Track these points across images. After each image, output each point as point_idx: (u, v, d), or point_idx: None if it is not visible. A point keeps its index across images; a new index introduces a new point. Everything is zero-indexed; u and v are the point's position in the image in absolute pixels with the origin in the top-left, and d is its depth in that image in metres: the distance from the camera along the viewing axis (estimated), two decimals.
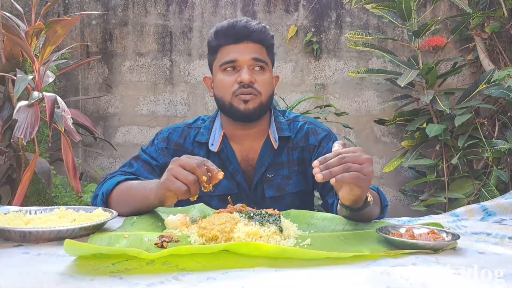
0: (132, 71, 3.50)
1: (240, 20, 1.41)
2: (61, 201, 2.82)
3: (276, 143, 1.48)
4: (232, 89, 1.39)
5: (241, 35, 1.40)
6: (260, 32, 1.41)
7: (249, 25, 1.40)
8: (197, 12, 3.47)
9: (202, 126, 1.54)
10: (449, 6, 3.34)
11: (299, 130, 1.53)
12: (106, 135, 3.49)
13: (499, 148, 2.72)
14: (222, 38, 1.42)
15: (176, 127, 1.56)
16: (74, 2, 3.45)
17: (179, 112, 3.48)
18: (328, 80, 3.45)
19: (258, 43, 1.41)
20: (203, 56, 3.46)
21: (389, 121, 3.15)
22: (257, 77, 1.40)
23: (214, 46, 1.45)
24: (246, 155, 1.49)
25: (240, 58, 1.39)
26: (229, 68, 1.40)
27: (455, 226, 1.19)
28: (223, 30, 1.42)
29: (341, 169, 0.96)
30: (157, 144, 1.52)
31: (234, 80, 1.39)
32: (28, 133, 2.27)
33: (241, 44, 1.40)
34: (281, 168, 1.49)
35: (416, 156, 2.94)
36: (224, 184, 1.46)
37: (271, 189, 1.48)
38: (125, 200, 1.25)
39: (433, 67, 2.84)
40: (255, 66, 1.40)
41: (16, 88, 2.39)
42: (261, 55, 1.41)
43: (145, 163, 1.48)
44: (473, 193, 2.77)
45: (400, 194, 3.40)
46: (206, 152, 1.49)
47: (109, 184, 1.31)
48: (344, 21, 3.42)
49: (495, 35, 3.03)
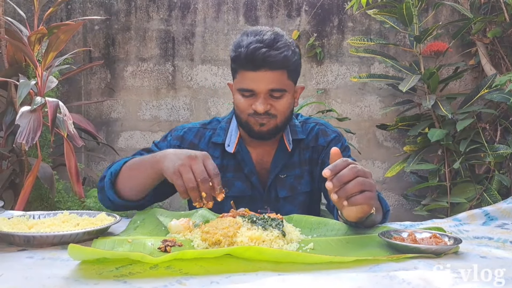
0: (135, 76, 3.51)
1: (260, 47, 1.31)
2: (64, 206, 2.83)
3: (290, 146, 1.49)
4: (247, 112, 1.39)
5: (260, 65, 1.32)
6: (281, 62, 1.33)
7: (268, 55, 1.31)
8: (199, 17, 3.48)
9: (218, 127, 1.54)
10: (451, 11, 3.35)
11: (310, 131, 1.55)
12: (108, 140, 3.50)
13: (501, 153, 2.72)
14: (240, 64, 1.36)
15: (191, 126, 1.56)
16: (77, 7, 3.47)
17: (182, 117, 3.49)
18: (330, 85, 3.45)
19: (278, 69, 1.34)
20: (205, 61, 3.47)
21: (391, 126, 3.15)
22: (274, 103, 1.37)
23: (233, 67, 1.42)
24: (261, 158, 1.50)
25: (257, 88, 1.35)
26: (246, 94, 1.38)
27: (457, 231, 1.19)
28: (241, 56, 1.33)
29: (355, 188, 0.94)
30: (170, 140, 1.52)
31: (250, 105, 1.37)
32: (31, 139, 2.28)
33: (259, 73, 1.33)
34: (293, 168, 1.50)
35: (418, 161, 2.94)
36: (238, 186, 1.48)
37: (284, 189, 1.49)
38: (133, 171, 1.27)
39: (434, 72, 2.84)
40: (272, 94, 1.37)
41: (18, 94, 2.40)
42: (279, 84, 1.35)
43: None
44: (475, 197, 2.77)
45: (402, 199, 3.39)
46: (222, 153, 1.49)
47: (117, 164, 1.32)
48: (346, 26, 3.43)
49: (497, 40, 3.04)
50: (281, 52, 1.32)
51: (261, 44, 1.31)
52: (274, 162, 1.49)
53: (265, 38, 1.32)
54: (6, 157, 2.73)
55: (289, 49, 1.35)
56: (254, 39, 1.33)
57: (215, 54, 3.48)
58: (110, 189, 1.29)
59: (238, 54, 1.34)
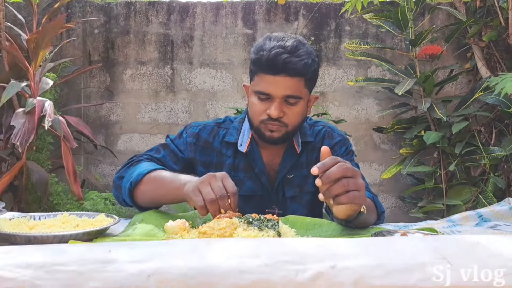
0: (134, 79, 3.54)
1: (282, 53, 1.34)
2: (62, 208, 2.85)
3: (299, 148, 1.52)
4: (260, 117, 1.41)
5: (280, 70, 1.34)
6: (300, 69, 1.35)
7: (289, 61, 1.33)
8: (198, 21, 3.51)
9: (231, 126, 1.57)
10: (447, 15, 3.38)
11: (317, 134, 1.58)
12: (108, 142, 3.52)
13: (496, 155, 2.75)
14: (260, 67, 1.38)
15: (206, 124, 1.58)
16: (77, 11, 3.50)
17: (180, 120, 3.51)
18: (327, 88, 3.48)
19: (296, 76, 1.36)
20: (204, 64, 3.50)
21: (388, 129, 3.18)
22: (287, 110, 1.39)
23: (253, 69, 1.44)
24: (271, 159, 1.54)
25: (273, 93, 1.37)
26: (262, 97, 1.40)
27: (450, 231, 1.21)
28: (263, 59, 1.35)
29: (339, 189, 0.99)
30: (185, 137, 1.55)
31: (264, 109, 1.39)
32: (24, 141, 2.29)
33: (278, 77, 1.35)
34: (301, 169, 1.53)
35: (414, 163, 2.97)
36: (249, 185, 1.51)
37: (291, 189, 1.53)
38: (156, 188, 1.30)
39: (430, 75, 2.87)
40: (287, 100, 1.39)
41: (5, 93, 2.38)
42: (295, 91, 1.37)
43: (172, 152, 1.52)
44: (470, 199, 2.80)
45: (399, 201, 3.42)
46: (234, 152, 1.52)
47: (138, 173, 1.34)
48: (343, 30, 3.46)
49: (492, 44, 3.07)
50: (302, 60, 1.35)
51: (283, 50, 1.34)
52: (282, 163, 1.53)
53: (288, 45, 1.35)
54: (5, 160, 2.75)
55: (310, 57, 1.38)
56: (277, 44, 1.35)
57: (214, 58, 3.51)
58: (128, 196, 1.35)
59: (260, 57, 1.37)
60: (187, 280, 0.60)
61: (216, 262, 0.64)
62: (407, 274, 0.66)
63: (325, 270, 0.64)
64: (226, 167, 1.51)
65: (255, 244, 0.72)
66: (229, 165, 1.52)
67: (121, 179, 1.40)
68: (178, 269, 0.61)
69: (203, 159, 1.53)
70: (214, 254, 0.66)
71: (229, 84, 3.51)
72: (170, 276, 0.61)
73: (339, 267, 0.65)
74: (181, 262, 0.63)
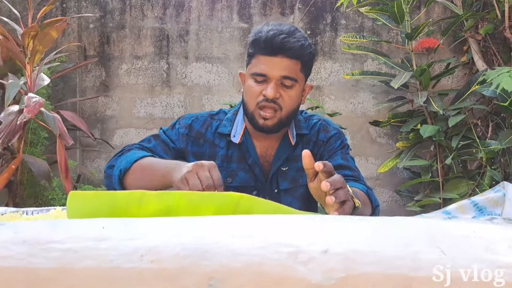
0: (129, 74, 3.52)
1: (280, 33, 1.37)
2: (58, 203, 2.85)
3: (293, 140, 1.53)
4: (256, 100, 1.42)
5: (277, 50, 1.37)
6: (297, 50, 1.38)
7: (286, 41, 1.36)
8: (193, 15, 3.50)
9: (224, 118, 1.58)
10: (443, 8, 3.37)
11: (313, 127, 1.58)
12: (103, 137, 3.51)
13: (492, 149, 2.75)
14: (258, 48, 1.41)
15: (199, 115, 1.59)
16: (72, 6, 3.48)
17: (176, 115, 3.50)
18: (323, 82, 3.47)
19: (293, 58, 1.39)
20: (199, 58, 3.49)
21: (384, 122, 3.18)
22: (283, 93, 1.41)
23: (250, 52, 1.46)
24: (265, 151, 1.54)
25: (270, 73, 1.39)
26: (259, 79, 1.41)
27: None
28: (260, 40, 1.39)
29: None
30: (178, 128, 1.56)
31: (260, 91, 1.41)
32: (7, 140, 2.28)
33: (275, 58, 1.38)
34: (295, 161, 1.53)
35: (411, 157, 2.97)
36: (242, 176, 1.51)
37: (285, 182, 1.53)
38: (145, 174, 1.33)
39: (426, 69, 2.87)
40: (283, 81, 1.41)
41: (7, 94, 2.37)
42: (292, 73, 1.40)
43: (163, 142, 1.53)
44: (467, 193, 2.80)
45: (395, 195, 3.42)
46: (227, 143, 1.53)
47: (127, 161, 1.37)
48: (339, 23, 3.46)
49: (489, 37, 3.07)
50: (299, 41, 1.39)
51: (281, 31, 1.38)
52: (277, 155, 1.53)
53: (285, 28, 1.40)
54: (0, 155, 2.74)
55: (306, 41, 1.43)
56: (274, 27, 1.40)
57: (209, 52, 3.50)
58: (118, 184, 1.37)
59: (258, 38, 1.40)
60: (181, 260, 0.60)
61: (210, 242, 0.63)
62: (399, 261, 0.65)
63: (317, 255, 0.63)
64: (219, 158, 1.51)
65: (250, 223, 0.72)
66: (221, 156, 1.52)
67: (111, 168, 1.42)
68: (172, 248, 0.60)
69: (194, 149, 1.53)
70: (208, 233, 0.66)
71: (225, 78, 3.50)
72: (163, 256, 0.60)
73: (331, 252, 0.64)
74: (176, 240, 0.62)
